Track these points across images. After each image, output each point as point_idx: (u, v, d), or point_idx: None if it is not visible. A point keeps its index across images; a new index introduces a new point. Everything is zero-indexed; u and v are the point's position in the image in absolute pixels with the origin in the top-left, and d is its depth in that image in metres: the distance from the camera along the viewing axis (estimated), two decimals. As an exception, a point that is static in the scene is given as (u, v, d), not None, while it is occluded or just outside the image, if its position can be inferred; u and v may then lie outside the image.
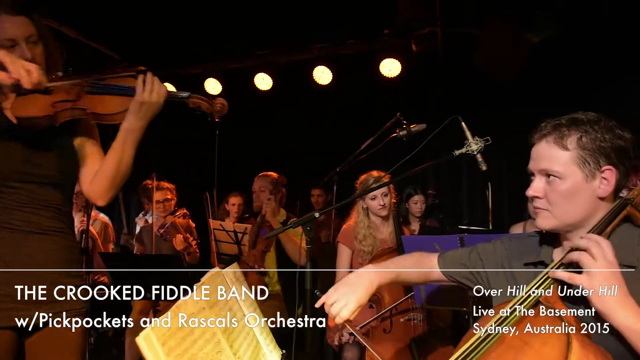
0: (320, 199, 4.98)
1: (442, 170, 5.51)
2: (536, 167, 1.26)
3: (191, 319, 1.08)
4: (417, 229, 3.98)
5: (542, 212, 1.25)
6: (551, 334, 1.04)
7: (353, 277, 1.43)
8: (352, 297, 1.35)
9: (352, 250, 2.79)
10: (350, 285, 1.40)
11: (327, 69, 4.93)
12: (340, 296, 1.36)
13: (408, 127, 2.76)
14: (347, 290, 1.37)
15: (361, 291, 1.37)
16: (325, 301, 1.39)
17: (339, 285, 1.41)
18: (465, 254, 1.51)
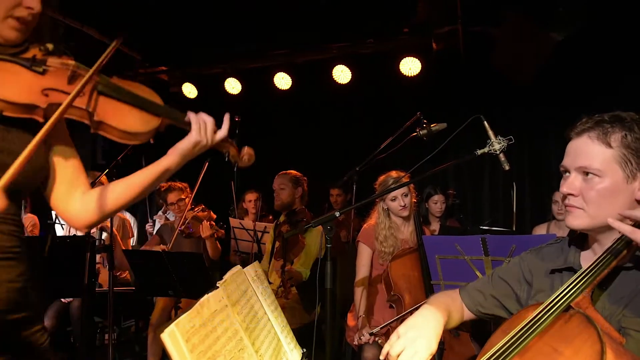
0: (340, 198, 4.98)
1: (462, 170, 5.45)
2: (573, 163, 1.18)
3: (214, 317, 1.09)
4: (437, 229, 3.94)
5: (576, 210, 1.17)
6: (583, 341, 0.97)
7: (419, 319, 1.24)
8: (422, 344, 1.17)
9: (373, 250, 2.78)
10: (418, 328, 1.21)
11: (347, 68, 4.92)
12: (408, 343, 1.17)
13: (428, 126, 2.74)
14: (414, 335, 1.19)
15: (431, 335, 1.20)
16: (389, 350, 1.19)
17: (403, 330, 1.21)
18: (487, 283, 1.41)
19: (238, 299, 1.27)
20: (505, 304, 1.37)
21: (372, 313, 2.72)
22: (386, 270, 2.65)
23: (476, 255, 1.96)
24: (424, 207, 4.08)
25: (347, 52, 4.92)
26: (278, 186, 3.36)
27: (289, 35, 4.75)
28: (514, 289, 1.36)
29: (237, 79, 5.37)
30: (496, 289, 1.39)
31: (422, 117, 2.80)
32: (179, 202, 3.73)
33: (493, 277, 1.41)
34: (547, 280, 1.27)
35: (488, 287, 1.40)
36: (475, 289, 1.42)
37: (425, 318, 1.25)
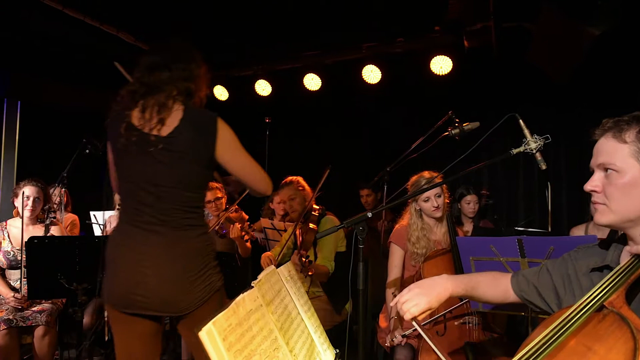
0: (369, 198, 4.96)
1: (496, 170, 5.34)
2: (595, 161, 1.26)
3: (249, 316, 1.10)
4: (470, 230, 3.88)
5: (600, 206, 1.23)
6: (617, 339, 0.98)
7: (428, 281, 1.49)
8: (424, 299, 1.41)
9: (405, 251, 2.75)
10: (424, 288, 1.45)
11: (376, 67, 4.89)
12: (413, 296, 1.43)
13: (460, 125, 2.70)
14: (419, 292, 1.43)
15: (433, 295, 1.43)
16: (398, 299, 1.45)
17: (413, 286, 1.47)
18: (536, 272, 1.49)
19: (272, 299, 1.28)
20: (544, 295, 1.43)
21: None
22: (418, 271, 2.62)
23: (512, 257, 1.92)
24: (457, 208, 4.02)
25: (377, 51, 4.88)
26: (288, 198, 3.33)
27: (318, 36, 4.77)
28: (555, 284, 1.41)
29: (268, 81, 5.42)
30: (540, 280, 1.45)
31: (454, 116, 2.77)
32: (216, 200, 3.79)
33: (542, 268, 1.48)
34: (587, 279, 1.29)
35: (534, 277, 1.47)
36: (523, 275, 1.50)
37: (434, 283, 1.47)
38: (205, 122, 1.79)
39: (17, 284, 3.27)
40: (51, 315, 3.16)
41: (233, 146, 1.84)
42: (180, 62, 1.84)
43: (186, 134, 1.74)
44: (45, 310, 3.14)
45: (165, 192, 1.74)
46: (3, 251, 3.28)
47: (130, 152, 1.76)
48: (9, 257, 3.28)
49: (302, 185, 3.38)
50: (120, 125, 1.78)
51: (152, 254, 1.73)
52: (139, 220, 1.76)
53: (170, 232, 1.75)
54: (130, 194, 1.80)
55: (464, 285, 1.48)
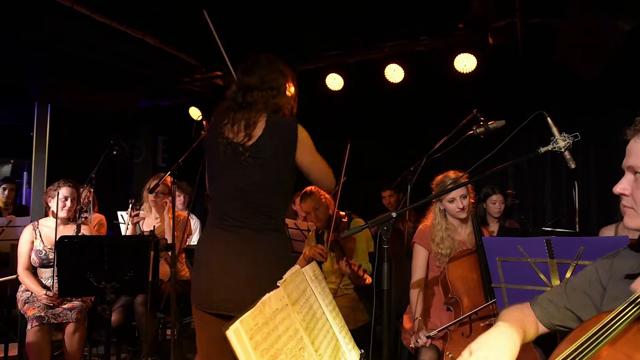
0: (392, 199, 4.93)
1: (523, 169, 5.25)
2: (625, 162, 1.20)
3: (275, 315, 1.11)
4: (495, 230, 3.82)
5: (629, 210, 1.19)
6: None
7: (492, 337, 1.15)
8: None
9: (429, 251, 2.73)
10: (491, 347, 1.11)
11: (399, 66, 4.87)
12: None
13: (485, 124, 2.66)
14: (487, 355, 1.10)
15: (505, 355, 1.11)
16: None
17: (476, 347, 1.13)
18: (561, 294, 1.33)
19: (297, 298, 1.28)
20: (581, 316, 1.28)
21: (428, 316, 2.67)
22: (443, 272, 2.59)
23: (540, 257, 1.88)
24: (482, 208, 3.96)
25: (400, 50, 4.85)
26: (312, 209, 3.29)
27: (340, 35, 4.76)
28: (593, 299, 1.28)
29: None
30: (571, 300, 1.30)
31: (479, 115, 2.73)
32: None
33: (567, 287, 1.33)
34: (622, 286, 1.21)
35: (562, 299, 1.32)
36: (547, 301, 1.33)
37: (500, 337, 1.15)
38: (286, 128, 1.93)
39: (49, 282, 3.36)
40: (81, 312, 3.24)
41: (312, 150, 1.99)
42: (272, 82, 1.99)
43: (269, 142, 1.89)
44: (75, 308, 3.22)
45: (251, 197, 1.88)
46: (35, 250, 3.38)
47: (221, 161, 1.95)
48: (40, 256, 3.37)
49: (322, 194, 3.38)
50: (215, 136, 1.98)
51: (232, 255, 1.84)
52: (225, 223, 1.90)
53: (251, 235, 1.86)
54: (219, 199, 1.98)
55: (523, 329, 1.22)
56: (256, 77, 2.00)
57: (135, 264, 2.86)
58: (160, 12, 4.24)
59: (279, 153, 1.90)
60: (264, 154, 1.89)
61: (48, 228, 3.44)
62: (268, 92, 1.97)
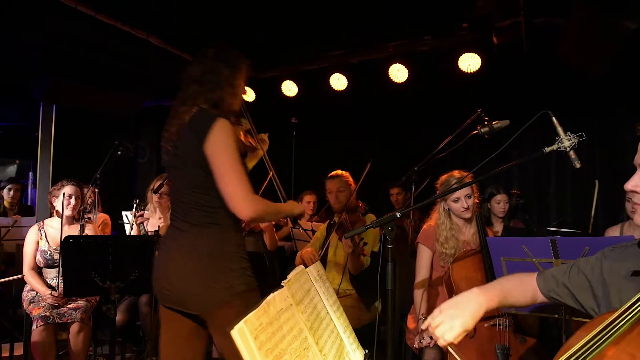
0: (400, 197, 4.93)
1: (527, 169, 5.23)
2: (637, 160, 1.20)
3: (280, 315, 1.11)
4: (500, 230, 3.81)
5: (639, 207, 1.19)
6: None
7: (459, 299, 1.38)
8: (458, 321, 1.31)
9: (433, 251, 2.72)
10: (457, 307, 1.34)
11: (403, 66, 4.86)
12: (446, 318, 1.32)
13: (490, 124, 2.65)
14: (452, 313, 1.33)
15: (468, 315, 1.32)
16: (430, 322, 1.35)
17: (444, 307, 1.36)
18: (565, 271, 1.41)
19: (302, 298, 1.28)
20: (578, 296, 1.36)
21: (433, 316, 2.67)
22: (447, 272, 2.59)
23: (545, 257, 1.88)
24: (486, 208, 3.95)
25: (404, 50, 4.85)
26: (337, 189, 3.34)
27: (344, 35, 4.76)
28: (592, 284, 1.33)
29: (294, 81, 5.45)
30: (572, 280, 1.37)
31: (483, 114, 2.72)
32: None
33: (572, 268, 1.40)
34: (628, 283, 1.21)
35: (564, 277, 1.40)
36: (551, 275, 1.43)
37: (468, 300, 1.36)
38: (203, 121, 1.77)
39: (54, 282, 3.37)
40: (86, 312, 3.25)
41: (220, 146, 1.74)
42: (214, 75, 1.87)
43: (186, 138, 1.81)
44: (80, 308, 3.24)
45: (184, 195, 1.84)
46: (40, 250, 3.39)
47: (165, 161, 1.94)
48: (45, 257, 3.38)
49: (350, 180, 3.41)
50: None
51: (174, 249, 1.83)
52: (173, 220, 1.90)
53: (190, 229, 1.82)
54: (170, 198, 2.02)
55: (497, 298, 1.39)
56: (198, 69, 1.90)
57: (140, 263, 2.86)
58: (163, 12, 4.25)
59: (193, 150, 1.77)
60: (181, 151, 1.82)
61: (53, 228, 3.45)
62: (207, 86, 1.86)
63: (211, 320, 1.79)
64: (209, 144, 1.72)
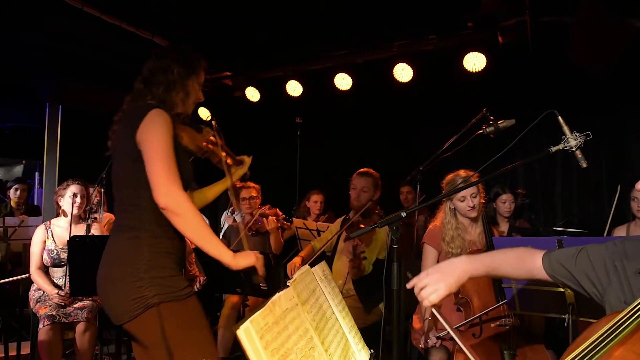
0: (410, 195, 4.92)
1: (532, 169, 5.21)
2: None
3: (285, 315, 1.11)
4: (505, 230, 3.79)
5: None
6: None
7: (446, 264, 1.45)
8: (443, 284, 1.37)
9: (439, 251, 2.71)
10: (443, 272, 1.41)
11: (408, 66, 4.85)
12: (432, 281, 1.39)
13: (495, 123, 2.64)
14: (438, 277, 1.39)
15: (452, 279, 1.39)
16: (416, 283, 1.41)
17: (431, 271, 1.43)
18: (572, 255, 1.41)
19: (307, 298, 1.28)
20: (580, 280, 1.37)
21: (438, 316, 2.66)
22: (453, 272, 2.58)
23: (552, 257, 1.86)
24: (492, 207, 3.93)
25: (408, 49, 4.84)
26: (361, 188, 3.29)
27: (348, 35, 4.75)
28: (596, 270, 1.34)
29: (298, 81, 5.45)
30: (577, 265, 1.38)
31: (489, 114, 2.71)
32: (250, 199, 3.87)
33: (580, 253, 1.40)
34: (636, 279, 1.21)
35: (569, 261, 1.40)
36: (556, 258, 1.44)
37: (454, 265, 1.43)
38: (139, 112, 1.68)
39: (60, 281, 3.39)
40: (92, 311, 3.26)
41: (150, 133, 1.64)
42: (164, 73, 1.79)
43: (120, 130, 1.76)
44: (86, 307, 3.25)
45: (116, 192, 1.77)
46: (47, 250, 3.41)
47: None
48: (52, 256, 3.40)
49: (379, 185, 3.36)
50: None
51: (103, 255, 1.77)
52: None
53: (114, 232, 1.75)
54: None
55: (485, 267, 1.44)
56: (150, 66, 1.83)
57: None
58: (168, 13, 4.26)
59: (124, 140, 1.69)
60: (115, 143, 1.78)
61: (60, 228, 3.47)
62: (155, 84, 1.78)
63: (130, 332, 1.69)
64: (140, 132, 1.64)
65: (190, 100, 1.87)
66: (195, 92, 1.89)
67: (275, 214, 3.74)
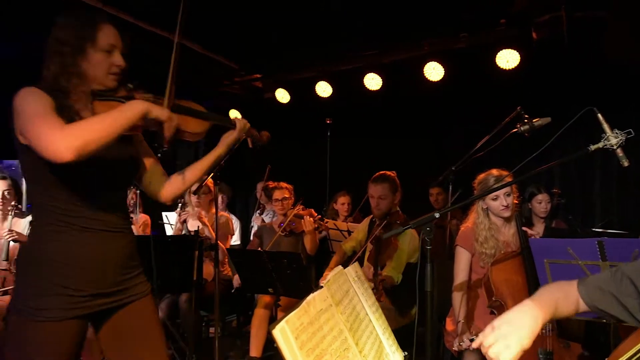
0: (440, 197, 4.86)
1: (569, 168, 5.06)
2: None
3: (320, 315, 1.11)
4: (541, 231, 3.69)
5: None
6: None
7: (514, 314, 1.24)
8: (514, 338, 1.17)
9: (472, 253, 2.66)
10: (512, 324, 1.21)
11: (439, 64, 4.79)
12: (500, 337, 1.19)
13: (530, 122, 2.60)
14: (508, 331, 1.19)
15: (524, 331, 1.18)
16: (482, 341, 1.22)
17: (498, 324, 1.23)
18: (610, 280, 1.28)
19: (341, 299, 1.29)
20: (625, 303, 1.25)
21: (472, 319, 2.62)
22: (486, 274, 2.53)
23: (592, 260, 1.81)
24: (527, 208, 3.84)
25: (439, 48, 4.77)
26: (378, 195, 3.24)
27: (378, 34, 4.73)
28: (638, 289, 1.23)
29: (328, 82, 5.46)
30: (618, 287, 1.26)
31: (523, 112, 2.66)
32: (283, 200, 3.89)
33: (616, 273, 1.29)
34: None
35: (609, 284, 1.28)
36: (594, 285, 1.31)
37: (523, 314, 1.22)
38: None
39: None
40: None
41: (19, 107, 1.40)
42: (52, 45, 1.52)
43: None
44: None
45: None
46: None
47: None
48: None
49: (397, 185, 3.31)
50: None
51: None
52: None
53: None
54: None
55: (550, 309, 1.26)
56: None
57: (180, 263, 2.93)
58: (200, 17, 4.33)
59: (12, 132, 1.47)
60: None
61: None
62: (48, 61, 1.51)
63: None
64: (15, 117, 1.41)
65: (95, 71, 1.54)
66: (97, 60, 1.53)
67: (310, 214, 3.75)
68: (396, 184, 3.31)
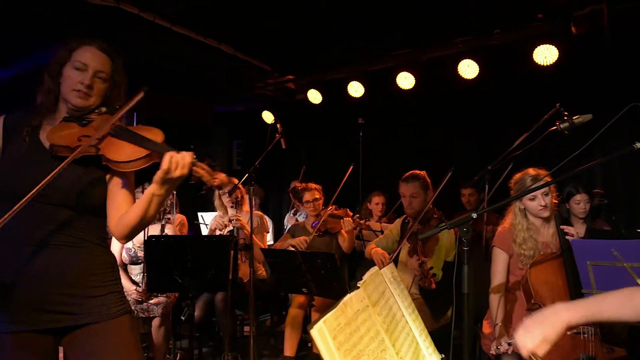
0: (472, 198, 4.77)
1: (612, 167, 4.87)
2: None
3: (357, 316, 1.12)
4: (582, 232, 3.57)
5: None
6: None
7: (542, 314, 1.36)
8: (537, 330, 1.30)
9: (510, 254, 2.60)
10: (537, 320, 1.34)
11: (473, 62, 4.70)
12: (526, 331, 1.33)
13: (570, 119, 2.52)
14: (534, 324, 1.33)
15: (546, 325, 1.31)
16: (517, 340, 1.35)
17: (527, 322, 1.36)
18: None
19: (377, 300, 1.28)
20: None
21: (510, 322, 2.56)
22: (525, 276, 2.47)
23: (638, 262, 1.74)
24: (565, 208, 3.72)
25: (474, 45, 4.68)
26: (410, 194, 3.23)
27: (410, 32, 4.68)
28: None
29: (360, 82, 5.44)
30: None
31: (562, 109, 2.58)
32: (314, 201, 3.90)
33: None
34: None
35: None
36: None
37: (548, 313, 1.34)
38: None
39: (137, 278, 3.60)
40: (166, 307, 3.44)
41: None
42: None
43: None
44: (161, 303, 3.43)
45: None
46: (126, 248, 3.64)
47: None
48: (130, 254, 3.62)
49: (428, 184, 3.28)
50: None
51: None
52: None
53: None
54: None
55: (584, 311, 1.32)
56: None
57: (216, 262, 2.98)
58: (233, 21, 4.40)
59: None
60: None
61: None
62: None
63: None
64: None
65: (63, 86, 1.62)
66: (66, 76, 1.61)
67: (346, 214, 3.74)
68: (427, 182, 3.29)
